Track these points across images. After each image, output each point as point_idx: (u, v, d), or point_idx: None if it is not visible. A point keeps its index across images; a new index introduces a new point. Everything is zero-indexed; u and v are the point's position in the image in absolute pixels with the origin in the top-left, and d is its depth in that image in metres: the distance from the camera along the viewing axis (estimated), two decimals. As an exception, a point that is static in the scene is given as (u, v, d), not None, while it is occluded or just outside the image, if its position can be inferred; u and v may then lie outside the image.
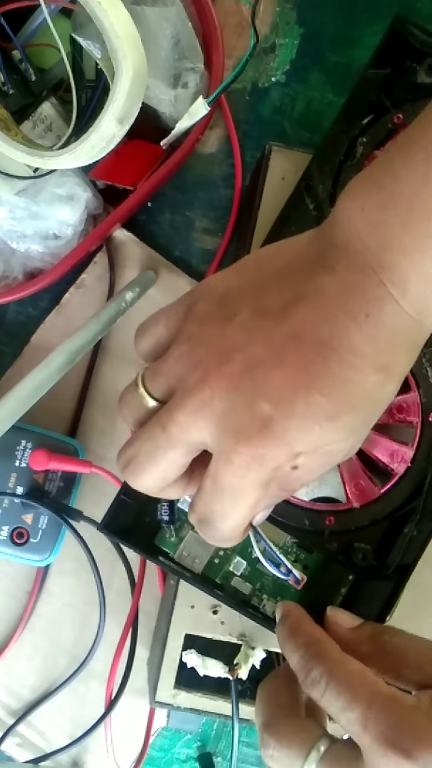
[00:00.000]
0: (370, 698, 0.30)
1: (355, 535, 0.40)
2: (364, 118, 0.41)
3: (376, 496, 0.40)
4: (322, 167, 0.41)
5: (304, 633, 0.34)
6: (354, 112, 0.41)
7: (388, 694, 0.30)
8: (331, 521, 0.39)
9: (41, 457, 0.46)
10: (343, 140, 0.41)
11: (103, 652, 0.50)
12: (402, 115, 0.41)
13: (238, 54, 0.52)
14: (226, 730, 0.53)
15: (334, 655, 0.33)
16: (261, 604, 0.41)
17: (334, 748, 0.31)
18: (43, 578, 0.51)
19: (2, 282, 0.50)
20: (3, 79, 0.48)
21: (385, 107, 0.41)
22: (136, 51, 0.44)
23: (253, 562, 0.41)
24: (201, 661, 0.42)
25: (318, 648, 0.33)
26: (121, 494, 0.40)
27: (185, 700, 0.44)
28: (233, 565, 0.41)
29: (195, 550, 0.40)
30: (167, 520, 0.40)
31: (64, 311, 0.52)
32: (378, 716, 0.29)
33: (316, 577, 0.40)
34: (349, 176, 0.41)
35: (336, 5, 0.53)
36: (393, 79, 0.42)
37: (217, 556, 0.41)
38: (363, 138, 0.41)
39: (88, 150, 0.45)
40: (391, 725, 0.29)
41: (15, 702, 0.52)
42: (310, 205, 0.41)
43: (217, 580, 0.41)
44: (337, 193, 0.41)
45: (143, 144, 0.50)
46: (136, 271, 0.52)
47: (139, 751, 0.52)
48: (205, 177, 0.53)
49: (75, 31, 0.45)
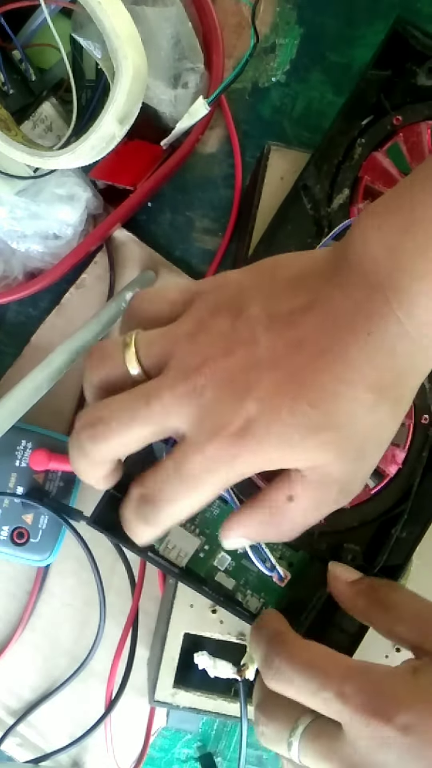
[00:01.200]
0: (343, 673, 0.30)
1: (345, 535, 0.40)
2: (363, 119, 0.42)
3: (367, 497, 0.40)
4: (320, 167, 0.41)
5: (267, 629, 0.34)
6: (353, 113, 0.41)
7: (360, 666, 0.31)
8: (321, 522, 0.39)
9: (41, 457, 0.46)
10: (341, 141, 0.41)
11: (103, 652, 0.50)
12: (401, 117, 0.41)
13: (238, 54, 0.52)
14: (226, 731, 0.53)
15: (295, 640, 0.33)
16: (245, 599, 0.41)
17: (317, 722, 0.32)
18: (43, 578, 0.51)
19: (2, 282, 0.50)
20: (3, 79, 0.48)
21: (384, 109, 0.42)
22: (136, 51, 0.44)
23: (238, 558, 0.41)
24: (212, 662, 0.42)
25: (279, 637, 0.33)
26: (111, 489, 0.39)
27: (184, 699, 0.44)
28: (218, 560, 0.41)
29: (180, 544, 0.40)
30: None
31: (64, 311, 0.52)
32: (355, 688, 0.30)
33: (300, 574, 0.40)
34: (346, 177, 0.41)
35: (336, 5, 0.53)
36: (393, 81, 0.42)
37: (202, 550, 0.41)
38: (362, 139, 0.41)
39: (88, 150, 0.45)
40: (370, 694, 0.30)
41: (15, 702, 0.52)
42: (308, 204, 0.41)
43: (201, 575, 0.41)
44: (335, 193, 0.41)
45: (143, 144, 0.50)
46: (136, 271, 0.52)
47: (139, 751, 0.52)
48: (205, 177, 0.53)
49: (75, 31, 0.45)
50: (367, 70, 0.41)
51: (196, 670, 0.43)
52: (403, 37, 0.41)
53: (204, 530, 0.41)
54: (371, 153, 0.41)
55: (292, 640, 0.33)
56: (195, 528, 0.41)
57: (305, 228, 0.41)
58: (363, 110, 0.42)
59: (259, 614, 0.40)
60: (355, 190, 0.41)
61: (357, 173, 0.41)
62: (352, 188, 0.41)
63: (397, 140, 0.41)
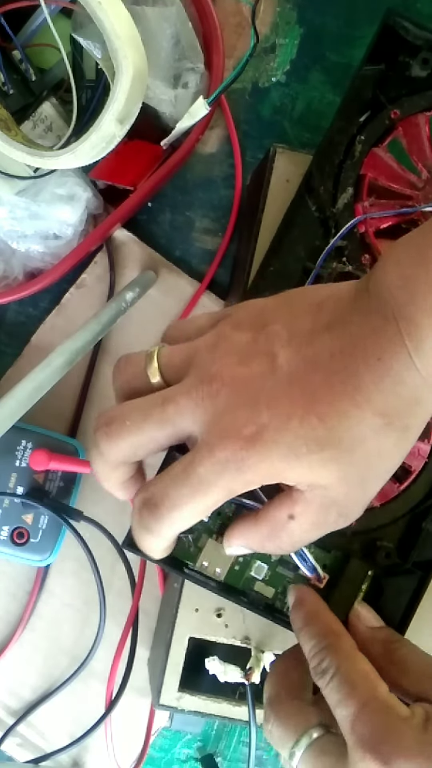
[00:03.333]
0: (366, 699, 0.31)
1: (377, 533, 0.40)
2: (361, 115, 0.41)
3: (396, 493, 0.40)
4: (322, 168, 0.41)
5: (321, 622, 0.35)
6: (351, 110, 0.41)
7: (384, 700, 0.31)
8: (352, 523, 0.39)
9: (41, 457, 0.46)
10: (341, 139, 0.41)
11: (103, 652, 0.50)
12: (399, 111, 0.41)
13: (238, 54, 0.52)
14: (227, 731, 0.53)
15: (347, 649, 0.33)
16: (285, 607, 0.41)
17: (325, 739, 0.32)
18: (43, 578, 0.51)
19: (2, 282, 0.50)
20: (3, 79, 0.48)
21: (381, 104, 0.42)
22: (136, 51, 0.44)
23: (273, 565, 0.41)
24: (223, 668, 0.42)
25: (333, 639, 0.34)
26: None
27: (189, 702, 0.44)
28: (254, 570, 0.40)
29: (215, 559, 0.40)
30: (184, 533, 0.40)
31: (64, 311, 0.52)
32: (368, 718, 0.30)
33: (335, 575, 0.40)
34: (349, 175, 0.41)
35: (336, 5, 0.53)
36: (387, 75, 0.42)
37: (237, 563, 0.41)
38: (361, 136, 0.41)
39: (88, 150, 0.45)
40: (377, 730, 0.30)
41: (15, 702, 0.52)
42: (312, 207, 0.41)
43: (239, 587, 0.40)
44: (338, 193, 0.41)
45: (143, 144, 0.50)
46: (136, 271, 0.52)
47: (140, 751, 0.52)
48: (205, 177, 0.53)
49: (75, 31, 0.45)
50: (361, 66, 0.41)
51: (201, 673, 0.43)
52: (395, 30, 0.41)
53: None
54: (372, 149, 0.41)
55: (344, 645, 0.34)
56: None
57: (312, 231, 0.41)
58: (360, 107, 0.42)
59: None
60: (358, 188, 0.41)
61: (359, 171, 0.41)
62: (356, 186, 0.41)
63: (397, 134, 0.41)
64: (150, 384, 0.33)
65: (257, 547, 0.34)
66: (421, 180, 0.41)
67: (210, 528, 0.40)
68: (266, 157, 0.47)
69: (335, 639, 0.34)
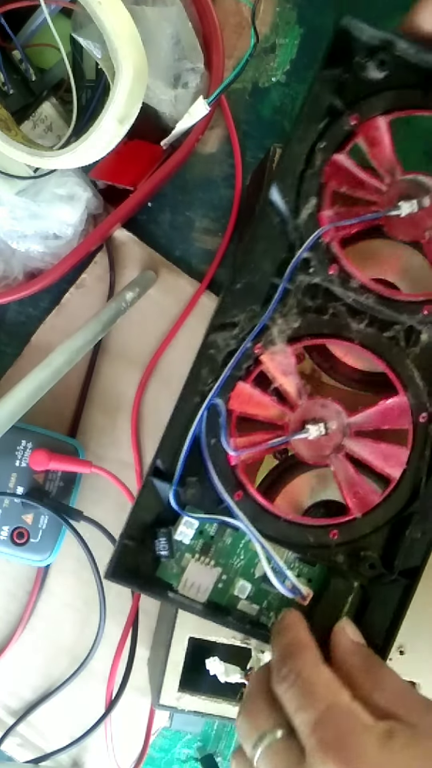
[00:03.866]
0: (328, 704, 0.31)
1: (360, 543, 0.40)
2: (319, 122, 0.41)
3: (376, 502, 0.40)
4: (284, 180, 0.40)
5: (290, 634, 0.35)
6: (309, 118, 0.40)
7: (347, 705, 0.31)
8: (335, 534, 0.39)
9: (41, 457, 0.46)
10: (301, 149, 0.41)
11: (103, 652, 0.50)
12: (358, 115, 0.41)
13: (238, 54, 0.52)
14: (227, 731, 0.53)
15: (311, 658, 0.33)
16: (269, 622, 0.41)
17: (285, 740, 0.32)
18: (43, 578, 0.51)
19: (2, 282, 0.50)
20: (3, 79, 0.48)
21: (339, 110, 0.41)
22: (136, 51, 0.44)
23: (257, 582, 0.41)
24: (223, 668, 0.42)
25: (297, 649, 0.34)
26: (124, 539, 0.39)
27: (189, 703, 0.44)
28: (237, 589, 0.40)
29: (198, 579, 0.40)
30: (166, 555, 0.40)
31: (64, 311, 0.52)
32: (331, 722, 0.30)
33: (321, 589, 0.40)
34: (311, 185, 0.40)
35: (336, 5, 0.53)
36: (344, 79, 0.41)
37: (221, 581, 0.40)
38: (321, 144, 0.41)
39: (88, 150, 0.45)
40: (341, 735, 0.30)
41: (15, 702, 0.52)
42: (276, 219, 0.41)
43: (223, 605, 0.40)
44: (301, 203, 0.41)
45: (143, 144, 0.50)
46: (136, 271, 0.52)
47: (140, 751, 0.52)
48: (205, 177, 0.53)
49: (75, 31, 0.45)
50: (317, 72, 0.40)
51: (201, 674, 0.43)
52: (349, 32, 0.40)
53: (219, 561, 0.40)
54: (332, 156, 0.41)
55: (307, 655, 0.34)
56: (210, 560, 0.41)
57: (278, 244, 0.41)
58: (319, 114, 0.41)
59: None
60: (321, 197, 0.41)
61: (321, 179, 0.41)
62: (319, 195, 0.41)
63: (357, 139, 0.41)
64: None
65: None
66: (385, 184, 0.41)
67: (192, 547, 0.40)
68: (266, 157, 0.47)
69: (300, 649, 0.34)
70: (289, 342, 0.40)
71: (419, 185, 0.40)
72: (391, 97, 0.41)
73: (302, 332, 0.40)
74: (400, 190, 0.40)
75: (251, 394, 0.40)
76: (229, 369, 0.39)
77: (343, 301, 0.40)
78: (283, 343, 0.40)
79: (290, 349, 0.40)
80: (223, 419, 0.39)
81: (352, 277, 0.40)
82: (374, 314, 0.40)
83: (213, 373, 0.40)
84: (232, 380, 0.40)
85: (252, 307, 0.40)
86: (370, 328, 0.40)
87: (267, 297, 0.40)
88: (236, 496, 0.39)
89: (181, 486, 0.39)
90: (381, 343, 0.40)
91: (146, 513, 0.40)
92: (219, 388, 0.39)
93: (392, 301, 0.40)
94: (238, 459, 0.40)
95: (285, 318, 0.40)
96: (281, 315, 0.40)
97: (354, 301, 0.40)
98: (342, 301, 0.40)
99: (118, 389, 0.52)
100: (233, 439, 0.40)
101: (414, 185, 0.40)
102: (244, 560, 0.41)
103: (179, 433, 0.39)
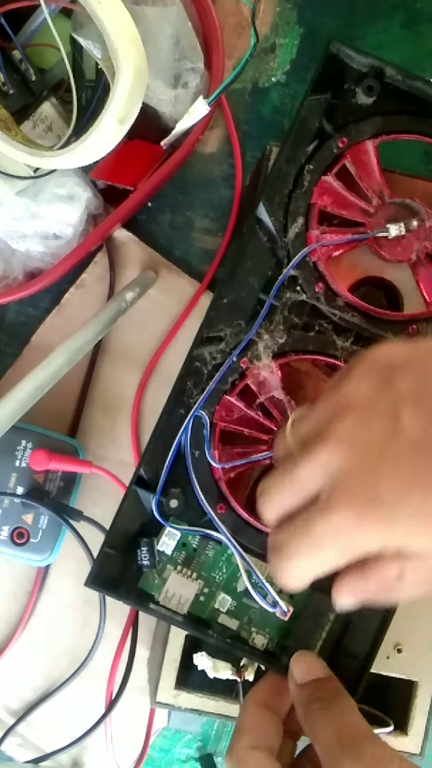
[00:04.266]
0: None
1: None
2: (308, 144, 0.41)
3: None
4: (272, 199, 0.41)
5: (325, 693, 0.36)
6: (298, 140, 0.41)
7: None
8: None
9: (41, 457, 0.46)
10: (290, 170, 0.41)
11: (103, 652, 0.50)
12: (346, 138, 0.41)
13: (238, 54, 0.52)
14: (227, 731, 0.53)
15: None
16: (250, 638, 0.41)
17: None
18: (43, 578, 0.51)
19: (2, 282, 0.50)
20: (3, 79, 0.48)
21: (328, 132, 0.42)
22: (136, 51, 0.44)
23: (239, 596, 0.41)
24: (212, 663, 0.42)
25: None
26: (106, 547, 0.40)
27: (186, 700, 0.44)
28: (218, 602, 0.41)
29: (179, 590, 0.40)
30: (148, 565, 0.40)
31: (64, 311, 0.52)
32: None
33: (303, 606, 0.40)
34: (299, 205, 0.41)
35: (336, 5, 0.53)
36: (333, 104, 0.42)
37: (202, 593, 0.41)
38: (309, 165, 0.41)
39: (88, 150, 0.45)
40: None
41: (15, 702, 0.52)
42: (264, 237, 0.41)
43: (204, 618, 0.41)
44: (289, 223, 0.41)
45: (143, 144, 0.50)
46: (136, 271, 0.52)
47: (140, 751, 0.52)
48: (205, 177, 0.53)
49: (75, 31, 0.45)
50: (306, 96, 0.41)
51: (198, 671, 0.43)
52: (339, 58, 0.41)
53: (201, 573, 0.41)
54: (321, 177, 0.41)
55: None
56: (191, 573, 0.41)
57: (265, 262, 0.41)
58: (307, 136, 0.41)
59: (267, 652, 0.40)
60: (309, 217, 0.41)
61: (309, 200, 0.41)
62: (306, 215, 0.41)
63: (345, 162, 0.41)
64: (291, 451, 0.33)
65: (368, 602, 0.33)
66: (372, 206, 0.41)
67: (174, 559, 0.40)
68: (263, 156, 0.47)
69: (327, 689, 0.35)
70: (275, 357, 0.40)
71: (407, 208, 0.41)
72: (379, 122, 0.42)
73: (288, 348, 0.41)
74: (389, 212, 0.41)
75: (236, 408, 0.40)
76: (215, 382, 0.40)
77: (329, 318, 0.41)
78: (268, 359, 0.40)
79: (275, 365, 0.40)
80: (207, 432, 0.39)
81: (338, 295, 0.41)
82: (360, 332, 0.41)
83: (198, 386, 0.40)
84: (218, 393, 0.40)
85: (238, 322, 0.41)
86: (355, 346, 0.40)
87: (253, 312, 0.41)
88: (219, 508, 0.39)
89: (165, 496, 0.39)
90: None
91: (129, 522, 0.41)
92: (204, 401, 0.40)
93: (377, 319, 0.41)
94: (222, 472, 0.40)
95: (271, 334, 0.40)
96: (267, 331, 0.41)
97: (340, 318, 0.41)
98: (328, 319, 0.41)
99: (118, 389, 0.52)
100: (216, 451, 0.40)
101: (402, 208, 0.41)
102: (226, 574, 0.41)
103: (164, 444, 0.40)
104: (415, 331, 0.41)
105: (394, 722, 0.43)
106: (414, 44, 0.53)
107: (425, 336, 0.40)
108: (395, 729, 0.44)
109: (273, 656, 0.41)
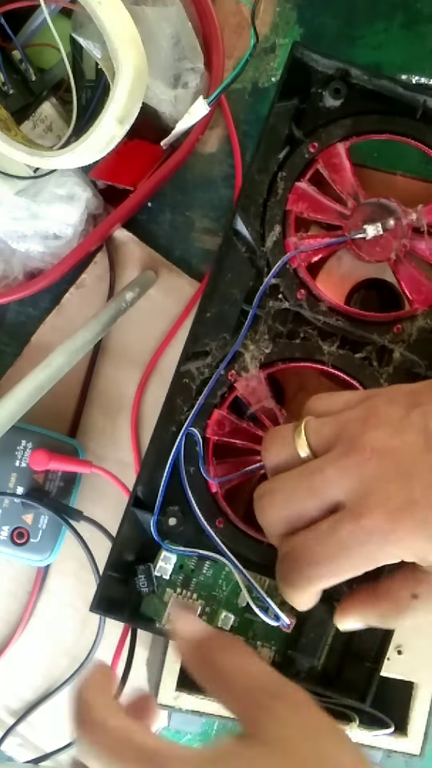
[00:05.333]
0: None
1: None
2: (279, 152, 0.41)
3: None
4: (247, 209, 0.41)
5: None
6: (269, 148, 0.41)
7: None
8: None
9: (41, 457, 0.46)
10: (263, 179, 0.41)
11: (103, 652, 0.50)
12: (317, 143, 0.41)
13: (238, 54, 0.52)
14: (227, 731, 0.53)
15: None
16: (256, 652, 0.41)
17: None
18: (43, 578, 0.51)
19: (2, 282, 0.50)
20: (3, 79, 0.48)
21: (298, 139, 0.42)
22: (136, 51, 0.44)
23: (241, 612, 0.40)
24: None
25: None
26: (108, 570, 0.40)
27: (187, 702, 0.44)
28: (221, 621, 0.40)
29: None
30: (147, 591, 0.40)
31: (64, 311, 0.52)
32: None
33: (305, 614, 0.40)
34: (275, 213, 0.41)
35: (336, 5, 0.53)
36: (301, 109, 0.42)
37: (204, 613, 0.40)
38: (282, 172, 0.41)
39: (88, 150, 0.45)
40: None
41: (15, 702, 0.52)
42: (242, 248, 0.41)
43: None
44: (266, 232, 0.41)
45: (143, 144, 0.50)
46: (136, 271, 0.52)
47: (139, 751, 0.52)
48: (205, 177, 0.53)
49: (75, 31, 0.45)
50: (273, 103, 0.41)
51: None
52: (303, 62, 0.41)
53: (201, 593, 0.40)
54: (294, 184, 0.41)
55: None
56: (191, 593, 0.41)
57: (245, 272, 0.41)
58: (278, 143, 0.42)
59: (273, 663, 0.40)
60: (286, 224, 0.41)
61: (284, 207, 0.41)
62: (283, 223, 0.41)
63: (318, 166, 0.41)
64: (299, 457, 0.33)
65: (375, 623, 0.33)
66: (348, 208, 0.41)
67: (173, 582, 0.40)
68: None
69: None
70: (262, 367, 0.40)
71: (383, 208, 0.41)
72: (349, 124, 0.42)
73: (274, 357, 0.41)
74: (365, 213, 0.41)
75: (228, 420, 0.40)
76: (204, 397, 0.40)
77: (313, 324, 0.41)
78: (256, 369, 0.40)
79: (263, 375, 0.40)
80: (200, 447, 0.39)
81: (321, 300, 0.41)
82: (345, 335, 0.41)
83: (188, 402, 0.40)
84: (208, 408, 0.40)
85: (223, 335, 0.41)
86: (341, 350, 0.40)
87: (237, 324, 0.41)
88: (218, 523, 0.39)
89: (163, 515, 0.39)
90: (354, 364, 0.40)
91: (129, 543, 0.41)
92: (194, 417, 0.40)
93: (362, 322, 0.41)
94: (218, 485, 0.40)
95: (257, 344, 0.40)
96: (253, 341, 0.41)
97: (324, 323, 0.41)
98: (312, 325, 0.41)
99: (118, 389, 0.52)
100: (211, 466, 0.40)
101: (378, 208, 0.41)
102: (226, 591, 0.41)
103: (158, 463, 0.40)
104: (401, 331, 0.40)
105: (394, 723, 0.43)
106: (414, 44, 0.53)
107: (410, 335, 0.40)
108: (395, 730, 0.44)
109: (280, 667, 0.40)
